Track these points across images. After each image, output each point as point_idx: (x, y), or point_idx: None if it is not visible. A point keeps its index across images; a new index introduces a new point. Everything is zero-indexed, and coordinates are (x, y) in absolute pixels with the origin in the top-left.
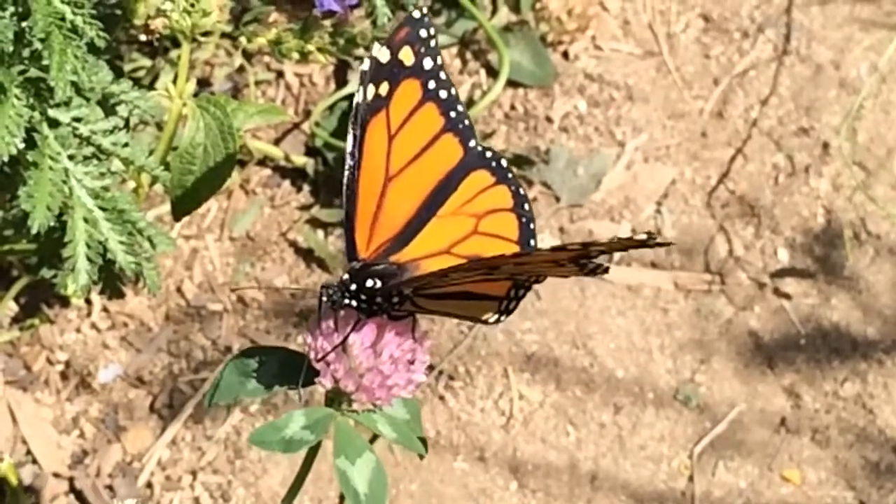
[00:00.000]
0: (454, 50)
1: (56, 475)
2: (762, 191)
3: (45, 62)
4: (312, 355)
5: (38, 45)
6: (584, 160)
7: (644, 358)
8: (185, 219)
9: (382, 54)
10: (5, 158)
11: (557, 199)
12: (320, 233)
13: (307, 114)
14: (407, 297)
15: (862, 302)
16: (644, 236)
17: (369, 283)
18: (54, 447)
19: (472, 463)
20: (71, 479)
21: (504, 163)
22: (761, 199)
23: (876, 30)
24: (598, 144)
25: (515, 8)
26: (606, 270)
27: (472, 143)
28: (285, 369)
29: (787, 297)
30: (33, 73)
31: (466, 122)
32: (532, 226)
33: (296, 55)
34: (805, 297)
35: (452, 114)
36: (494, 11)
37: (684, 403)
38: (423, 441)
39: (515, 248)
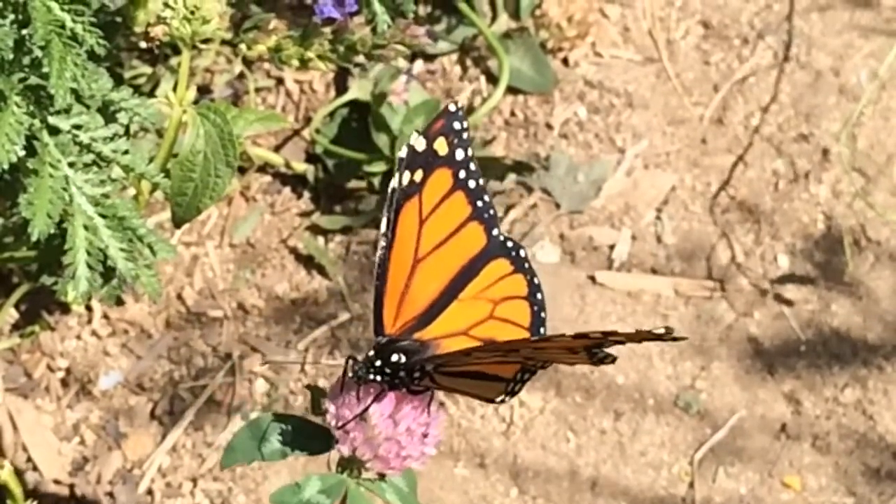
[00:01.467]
0: (454, 57)
1: (57, 482)
2: (762, 197)
3: (45, 70)
4: (333, 422)
5: (38, 53)
6: (585, 167)
7: (644, 364)
8: (186, 225)
9: (419, 143)
10: (5, 166)
11: (558, 206)
12: (321, 239)
13: (307, 120)
14: (427, 374)
15: (862, 308)
16: (663, 330)
17: (394, 357)
18: (55, 454)
19: (473, 469)
20: (71, 486)
21: (523, 253)
22: (761, 206)
23: (876, 36)
24: (599, 151)
25: (515, 15)
26: (614, 361)
27: (495, 232)
28: (300, 434)
29: (788, 303)
30: (33, 80)
31: (492, 211)
32: (543, 315)
33: (296, 62)
34: (805, 303)
35: (479, 203)
36: (494, 18)
37: (685, 410)
38: None
39: (526, 335)
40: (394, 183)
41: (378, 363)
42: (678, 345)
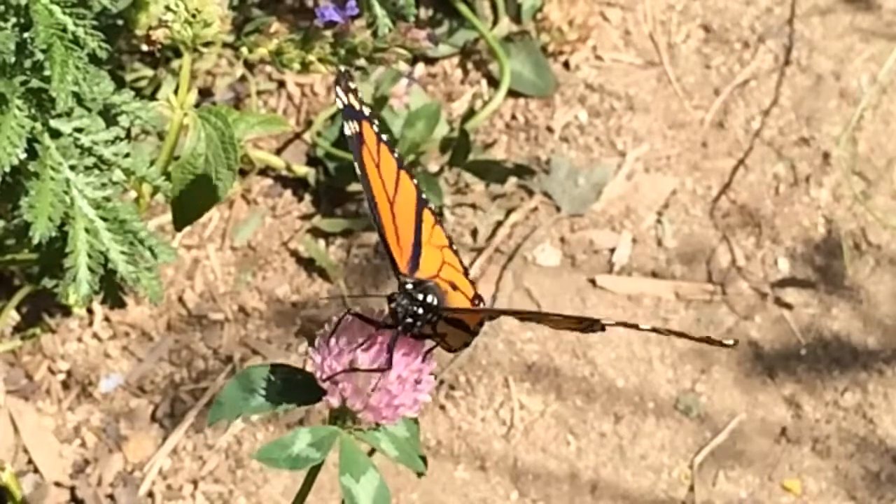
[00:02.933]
0: (455, 60)
1: (57, 484)
2: (763, 201)
3: (46, 73)
4: (319, 374)
5: (39, 56)
6: (585, 170)
7: (644, 367)
8: (187, 228)
9: (340, 98)
10: (7, 169)
11: (558, 209)
12: (321, 242)
13: (308, 123)
14: (440, 319)
15: (862, 312)
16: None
17: (430, 298)
18: (56, 456)
19: (473, 472)
20: (72, 489)
21: (431, 205)
22: (762, 209)
23: (876, 40)
24: (599, 154)
25: (516, 18)
26: (603, 329)
27: (415, 182)
28: (289, 386)
29: (788, 306)
30: (35, 83)
31: (404, 163)
32: (464, 264)
33: (297, 65)
34: (805, 306)
35: (396, 154)
36: (495, 22)
37: (685, 413)
38: (423, 459)
39: (465, 280)
40: (346, 131)
41: (420, 298)
42: (678, 348)
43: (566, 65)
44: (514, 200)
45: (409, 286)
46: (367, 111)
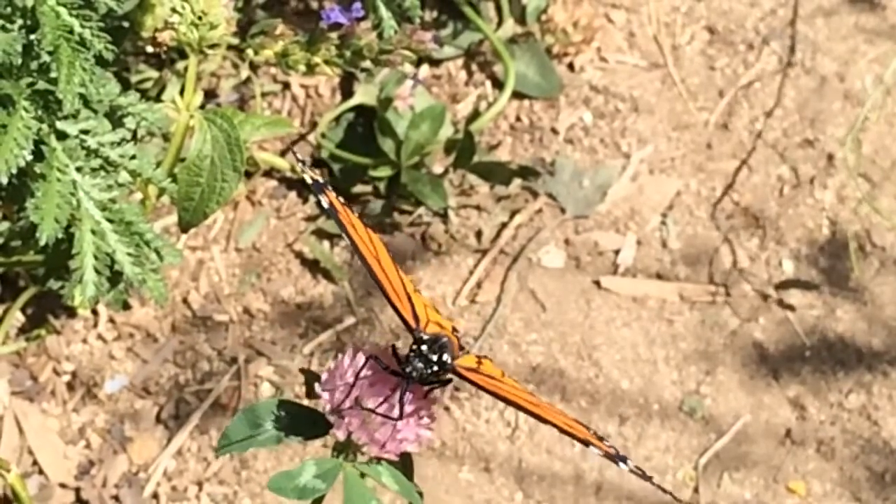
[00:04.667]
0: (460, 61)
1: (62, 486)
2: (767, 202)
3: (53, 75)
4: (327, 407)
5: (46, 58)
6: (590, 172)
7: (649, 369)
8: (192, 230)
9: (305, 175)
10: (14, 170)
11: (563, 211)
12: (326, 244)
13: (313, 125)
14: (454, 375)
15: (867, 313)
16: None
17: (445, 357)
18: (61, 458)
19: (478, 474)
20: (77, 490)
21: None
22: (766, 211)
23: (881, 42)
24: (604, 156)
25: (521, 20)
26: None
27: (377, 236)
28: (295, 419)
29: (792, 308)
30: (41, 85)
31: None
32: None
33: (302, 67)
34: (810, 308)
35: (356, 213)
36: (500, 23)
37: (689, 415)
38: (420, 494)
39: (439, 316)
40: (323, 204)
41: (434, 359)
42: (683, 350)
43: (571, 66)
44: (518, 202)
45: (425, 347)
46: (323, 180)
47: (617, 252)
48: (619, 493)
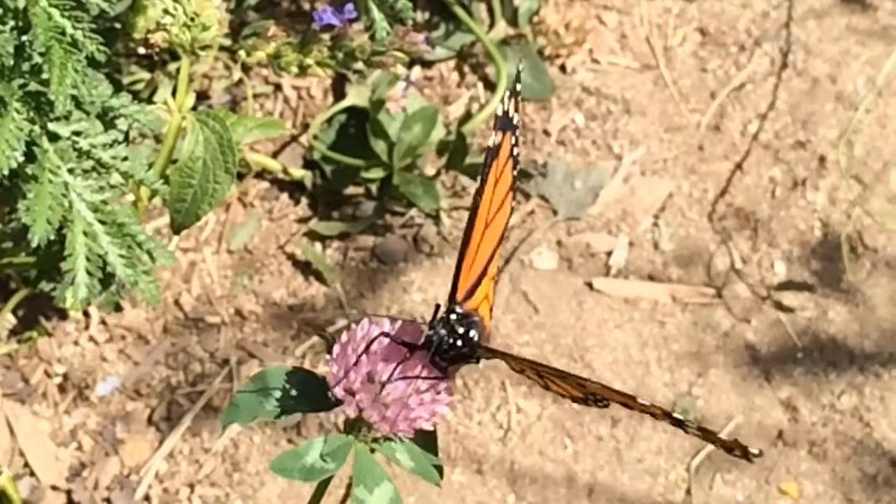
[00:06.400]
0: (452, 63)
1: (54, 488)
2: (759, 204)
3: (45, 76)
4: (335, 383)
5: (38, 59)
6: (582, 173)
7: (641, 371)
8: (184, 231)
9: (500, 106)
10: (5, 172)
11: (555, 213)
12: (318, 245)
13: (305, 127)
14: (479, 356)
15: (859, 315)
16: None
17: (472, 333)
18: (52, 460)
19: (470, 476)
20: (69, 492)
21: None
22: (758, 213)
23: (873, 44)
24: (596, 158)
25: (513, 21)
26: (607, 405)
27: (511, 207)
28: (304, 391)
29: (785, 310)
30: (33, 86)
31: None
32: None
33: (295, 69)
34: (802, 310)
35: (516, 173)
36: (492, 25)
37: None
38: (440, 469)
39: (488, 316)
40: (489, 142)
41: (461, 332)
42: (675, 351)
43: (563, 68)
44: None
45: (455, 317)
46: (516, 121)
47: (609, 254)
48: (611, 494)
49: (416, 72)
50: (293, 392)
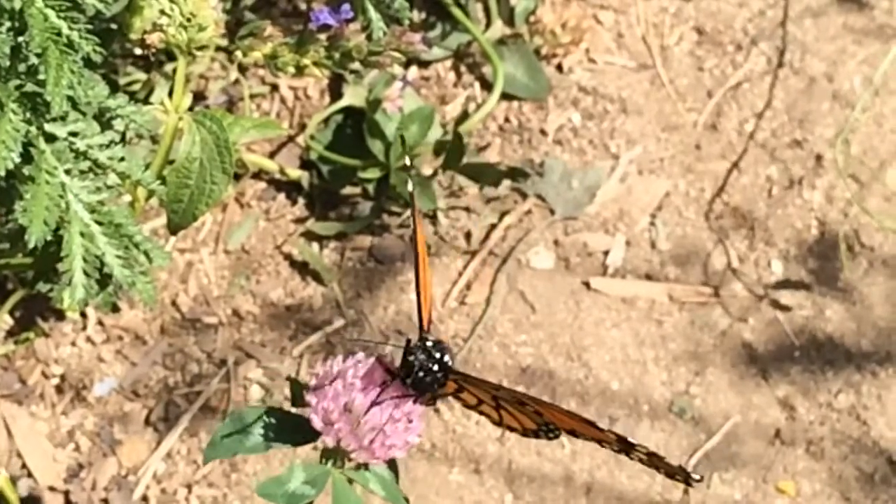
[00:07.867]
0: (448, 63)
1: (51, 489)
2: (756, 203)
3: (41, 77)
4: (316, 416)
5: (34, 60)
6: (579, 173)
7: (639, 370)
8: (181, 232)
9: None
10: (2, 173)
11: (552, 212)
12: (315, 246)
13: (302, 127)
14: (447, 380)
15: (856, 314)
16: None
17: (447, 358)
18: (50, 461)
19: (468, 475)
20: (66, 493)
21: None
22: (755, 212)
23: (869, 42)
24: (593, 157)
25: (510, 21)
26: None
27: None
28: (283, 426)
29: (782, 308)
30: (30, 87)
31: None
32: None
33: (291, 69)
34: (799, 308)
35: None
36: (489, 24)
37: (679, 415)
38: (406, 500)
39: None
40: (409, 188)
41: (437, 357)
42: (673, 351)
43: (559, 67)
44: (507, 203)
45: (430, 343)
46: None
47: (606, 253)
48: (609, 494)
49: (413, 72)
50: (272, 427)
